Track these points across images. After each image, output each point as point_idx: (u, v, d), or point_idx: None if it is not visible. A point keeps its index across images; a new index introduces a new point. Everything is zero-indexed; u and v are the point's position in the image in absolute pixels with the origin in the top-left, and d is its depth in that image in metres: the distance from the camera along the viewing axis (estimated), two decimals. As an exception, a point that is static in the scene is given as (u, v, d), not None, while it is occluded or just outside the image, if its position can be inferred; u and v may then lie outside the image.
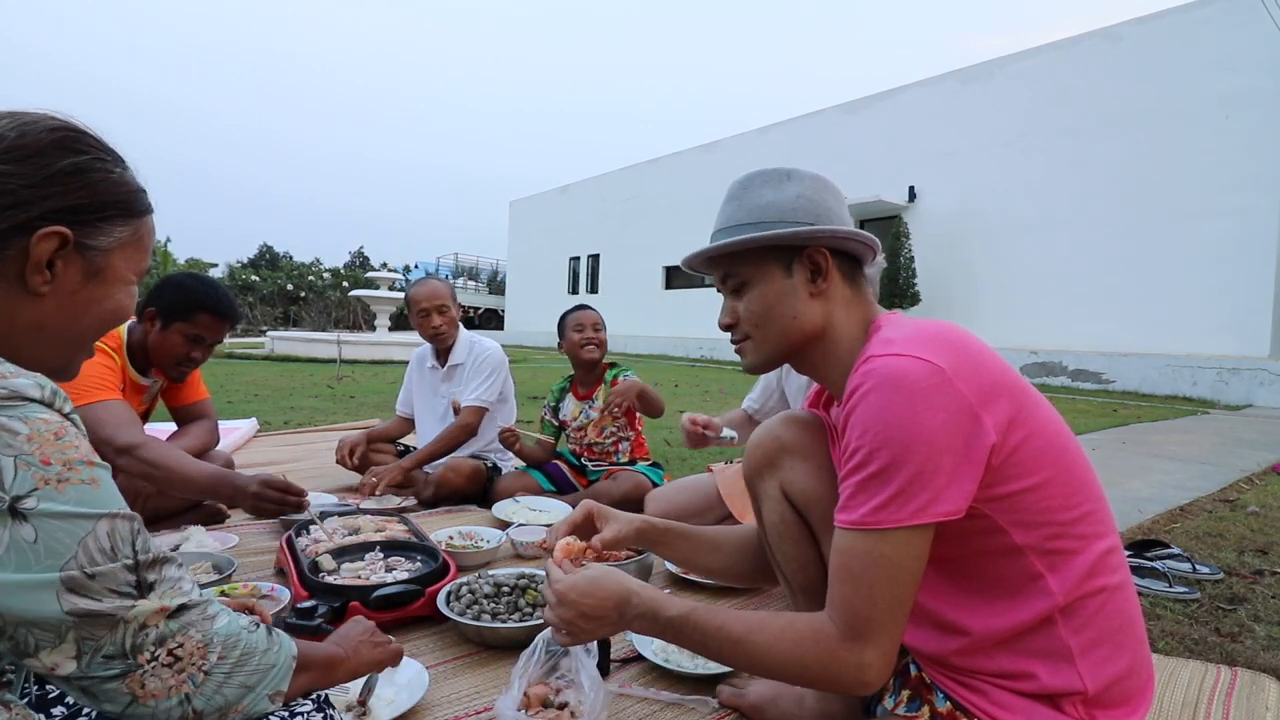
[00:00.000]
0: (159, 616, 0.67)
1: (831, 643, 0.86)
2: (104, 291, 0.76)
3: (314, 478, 3.09)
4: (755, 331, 1.02)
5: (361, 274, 27.95)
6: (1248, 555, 2.45)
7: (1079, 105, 11.27)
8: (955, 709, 0.93)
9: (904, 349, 0.86)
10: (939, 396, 0.82)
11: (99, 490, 0.65)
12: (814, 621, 0.89)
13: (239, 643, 0.72)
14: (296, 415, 5.33)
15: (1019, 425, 0.85)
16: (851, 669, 0.85)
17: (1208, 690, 1.46)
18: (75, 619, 0.62)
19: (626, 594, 0.98)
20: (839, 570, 0.87)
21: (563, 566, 1.07)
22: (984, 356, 0.88)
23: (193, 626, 0.69)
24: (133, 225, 0.78)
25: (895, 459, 0.81)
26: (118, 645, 0.65)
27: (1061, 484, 0.87)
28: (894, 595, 0.83)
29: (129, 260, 0.78)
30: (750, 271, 1.00)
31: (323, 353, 11.93)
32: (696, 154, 18.45)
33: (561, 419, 2.97)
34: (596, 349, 2.84)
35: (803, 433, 1.10)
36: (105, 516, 0.64)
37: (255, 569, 1.97)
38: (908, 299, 12.35)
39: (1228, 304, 9.69)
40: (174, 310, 2.07)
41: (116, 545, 0.65)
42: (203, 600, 0.72)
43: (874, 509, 0.83)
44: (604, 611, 0.98)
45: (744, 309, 1.02)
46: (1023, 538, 0.86)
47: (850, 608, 0.85)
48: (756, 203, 0.99)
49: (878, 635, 0.84)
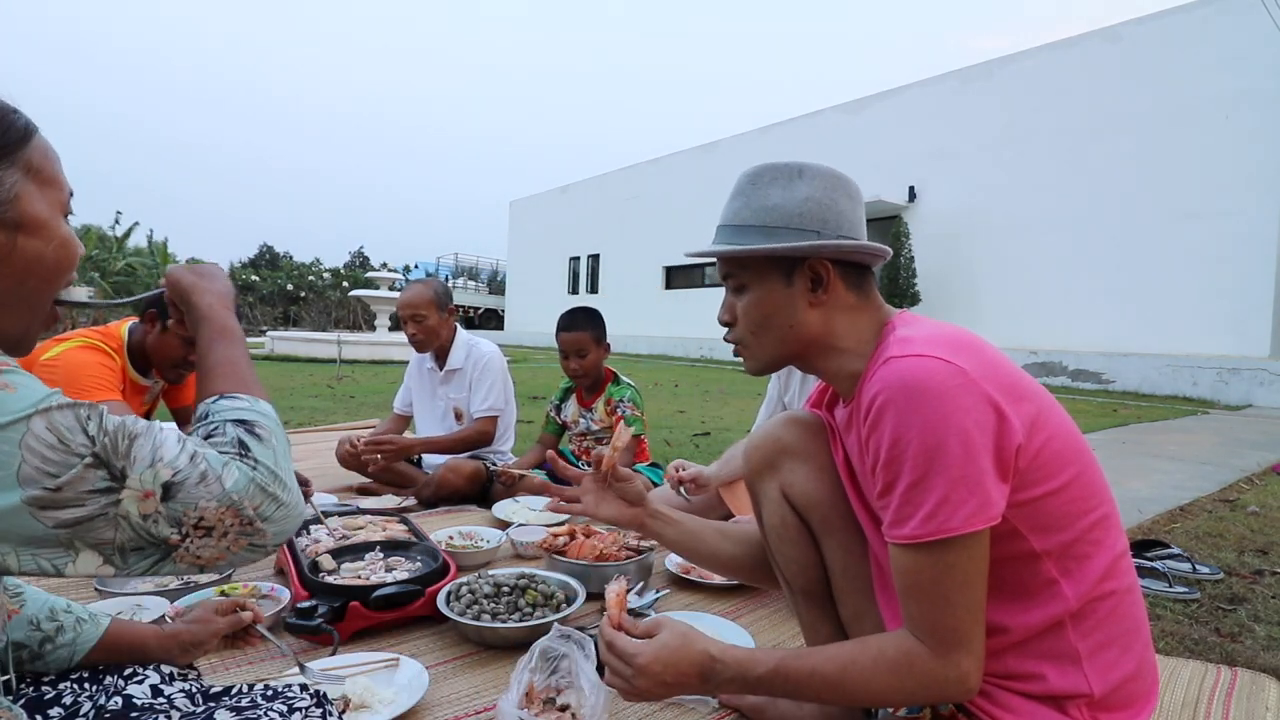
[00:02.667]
0: (151, 503, 0.60)
1: (927, 663, 0.84)
2: (36, 244, 0.68)
3: (314, 478, 3.07)
4: (751, 339, 1.01)
5: (361, 274, 27.94)
6: (1248, 555, 2.45)
7: (1079, 105, 11.27)
8: (958, 710, 0.92)
9: (924, 349, 0.84)
10: (965, 397, 0.80)
11: (15, 393, 0.58)
12: (902, 644, 0.86)
13: (254, 480, 0.64)
14: (296, 415, 5.33)
15: (1041, 427, 0.84)
16: (954, 683, 0.84)
17: (1208, 690, 1.46)
18: (68, 529, 0.57)
19: (710, 661, 0.92)
20: (909, 589, 0.85)
21: (623, 624, 0.98)
22: (1000, 359, 0.88)
23: (198, 499, 0.61)
24: (19, 160, 0.67)
25: (933, 465, 0.80)
26: (136, 538, 0.60)
27: (1082, 487, 0.87)
28: (970, 599, 0.82)
29: (42, 197, 0.68)
30: (750, 277, 0.99)
31: (323, 353, 11.94)
32: (696, 154, 18.44)
33: (564, 419, 2.96)
34: (583, 375, 2.79)
35: (803, 434, 1.10)
36: (36, 414, 0.57)
37: (255, 569, 1.97)
38: (908, 299, 12.35)
39: (1228, 304, 9.69)
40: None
41: (63, 437, 0.58)
42: (193, 467, 0.62)
43: (924, 519, 0.81)
44: (687, 680, 0.92)
45: (741, 312, 1.01)
46: (1041, 544, 0.86)
47: (933, 624, 0.84)
48: (763, 203, 0.97)
49: (968, 642, 0.83)
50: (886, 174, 13.63)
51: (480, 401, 2.84)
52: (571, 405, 2.95)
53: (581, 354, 2.73)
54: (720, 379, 10.34)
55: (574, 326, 2.74)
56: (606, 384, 2.88)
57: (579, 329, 2.73)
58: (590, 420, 2.88)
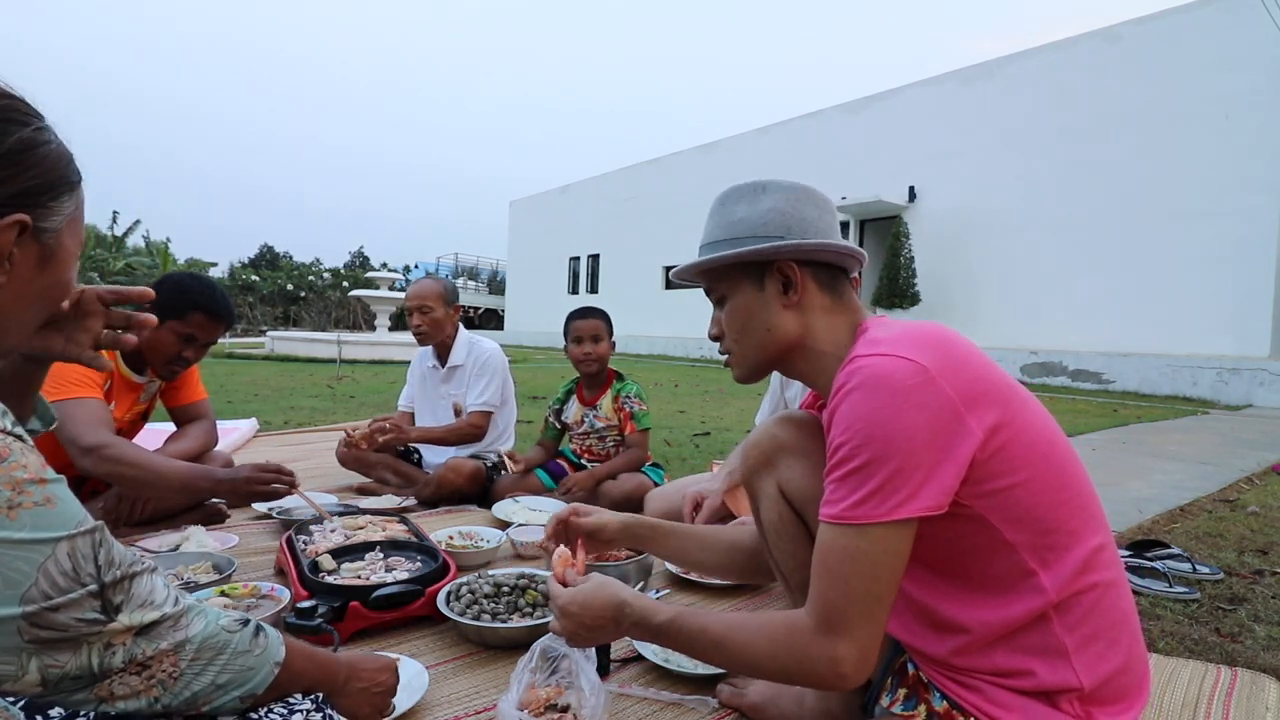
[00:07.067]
0: (126, 635, 0.63)
1: (805, 636, 0.87)
2: (55, 275, 0.71)
3: (314, 478, 3.08)
4: (735, 346, 1.06)
5: (361, 274, 27.95)
6: (1248, 555, 2.45)
7: (1079, 105, 11.27)
8: (952, 708, 0.93)
9: (890, 349, 0.87)
10: (922, 395, 0.82)
11: (55, 509, 0.60)
12: (790, 617, 0.91)
13: (216, 643, 0.69)
14: (296, 415, 5.33)
15: (1004, 424, 0.86)
16: (825, 662, 0.85)
17: (1208, 690, 1.45)
18: (40, 645, 0.58)
19: (620, 604, 1.03)
20: (817, 565, 0.88)
21: (565, 578, 1.12)
22: (970, 357, 0.89)
23: (163, 638, 0.65)
24: (75, 198, 0.71)
25: (876, 456, 0.82)
26: (83, 666, 0.61)
27: (1048, 481, 0.88)
28: (869, 590, 0.84)
29: (74, 235, 0.72)
30: (726, 287, 1.05)
31: (323, 353, 11.95)
32: (696, 154, 18.44)
33: (564, 421, 2.96)
34: (595, 363, 2.82)
35: (800, 432, 1.10)
36: (64, 539, 0.60)
37: (255, 569, 1.97)
38: (908, 299, 12.35)
39: (1228, 304, 9.69)
40: (169, 308, 2.06)
41: (78, 565, 0.60)
42: (177, 610, 0.67)
43: (853, 504, 0.84)
44: (602, 622, 1.04)
45: (726, 323, 1.06)
46: (1013, 534, 0.87)
47: (825, 601, 0.86)
48: (730, 219, 1.03)
49: (851, 629, 0.84)
50: (886, 174, 13.64)
51: (476, 396, 2.86)
52: (574, 406, 2.95)
53: (596, 339, 2.83)
54: (720, 379, 10.34)
55: (590, 315, 2.87)
56: (611, 382, 2.90)
57: (595, 317, 2.86)
58: (594, 418, 2.88)
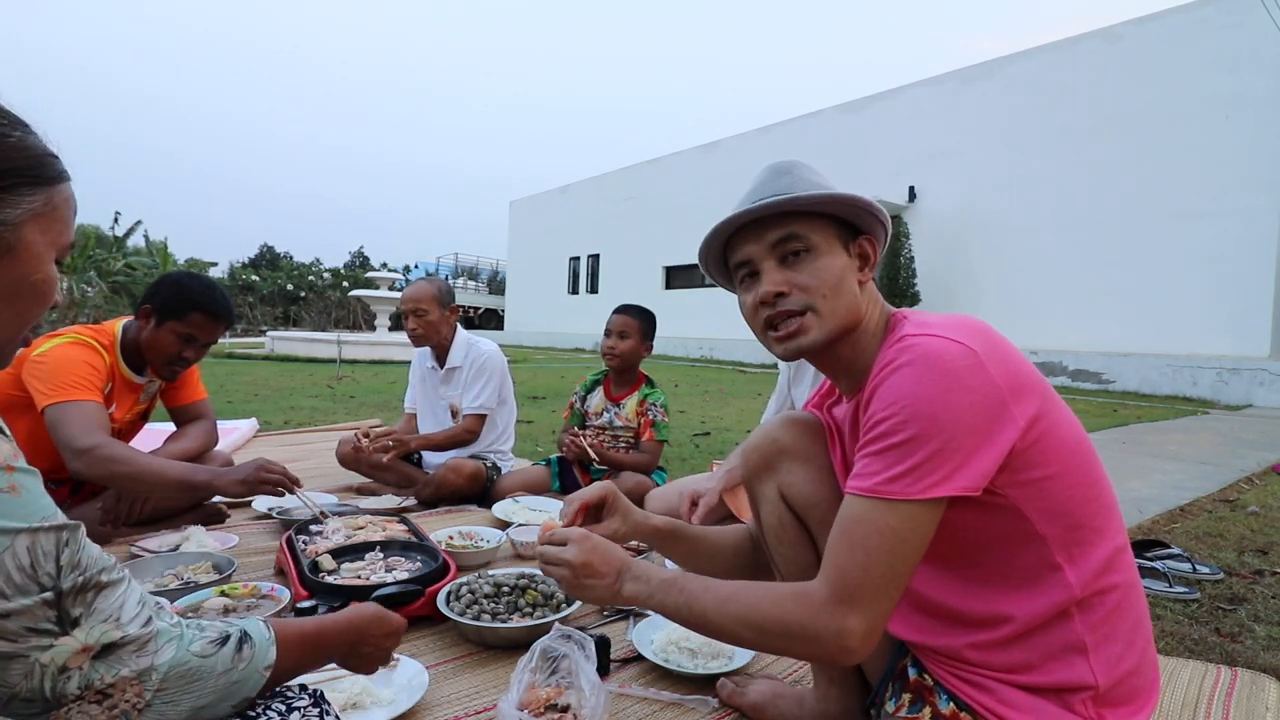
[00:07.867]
0: (82, 658, 0.58)
1: (815, 603, 0.85)
2: (17, 270, 0.68)
3: (314, 478, 3.08)
4: (823, 303, 0.94)
5: (361, 274, 27.93)
6: (1248, 555, 2.45)
7: (1079, 105, 11.26)
8: (959, 709, 0.92)
9: (942, 331, 0.87)
10: (971, 378, 0.82)
11: (18, 499, 0.57)
12: (799, 586, 0.89)
13: (187, 672, 0.65)
14: (296, 415, 5.33)
15: (1043, 416, 0.86)
16: (832, 633, 0.83)
17: (1208, 690, 1.46)
18: None
19: (628, 564, 1.01)
20: (840, 535, 0.86)
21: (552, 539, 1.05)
22: (1011, 348, 0.90)
23: (124, 664, 0.60)
24: (44, 194, 0.70)
25: (920, 433, 0.81)
26: (34, 690, 0.56)
27: (1079, 476, 0.89)
28: (890, 567, 0.83)
29: (45, 232, 0.70)
30: (820, 239, 0.95)
31: (323, 353, 11.93)
32: (696, 154, 18.43)
33: (586, 409, 2.98)
34: (616, 358, 2.85)
35: (801, 435, 1.10)
36: (25, 531, 0.56)
37: (255, 569, 1.97)
38: (908, 299, 12.34)
39: (1228, 304, 9.68)
40: (168, 308, 2.06)
41: (37, 562, 0.57)
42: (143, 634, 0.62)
43: (889, 479, 0.83)
44: (606, 570, 0.99)
45: (809, 277, 0.94)
46: (1045, 527, 0.87)
47: (843, 571, 0.84)
48: (815, 179, 0.96)
49: (865, 604, 0.83)
50: (886, 174, 13.63)
51: (472, 399, 2.85)
52: (598, 396, 2.97)
53: (623, 335, 2.85)
54: (720, 379, 10.33)
55: (625, 312, 2.91)
56: (640, 384, 2.92)
57: (628, 315, 2.89)
58: (614, 414, 2.90)
